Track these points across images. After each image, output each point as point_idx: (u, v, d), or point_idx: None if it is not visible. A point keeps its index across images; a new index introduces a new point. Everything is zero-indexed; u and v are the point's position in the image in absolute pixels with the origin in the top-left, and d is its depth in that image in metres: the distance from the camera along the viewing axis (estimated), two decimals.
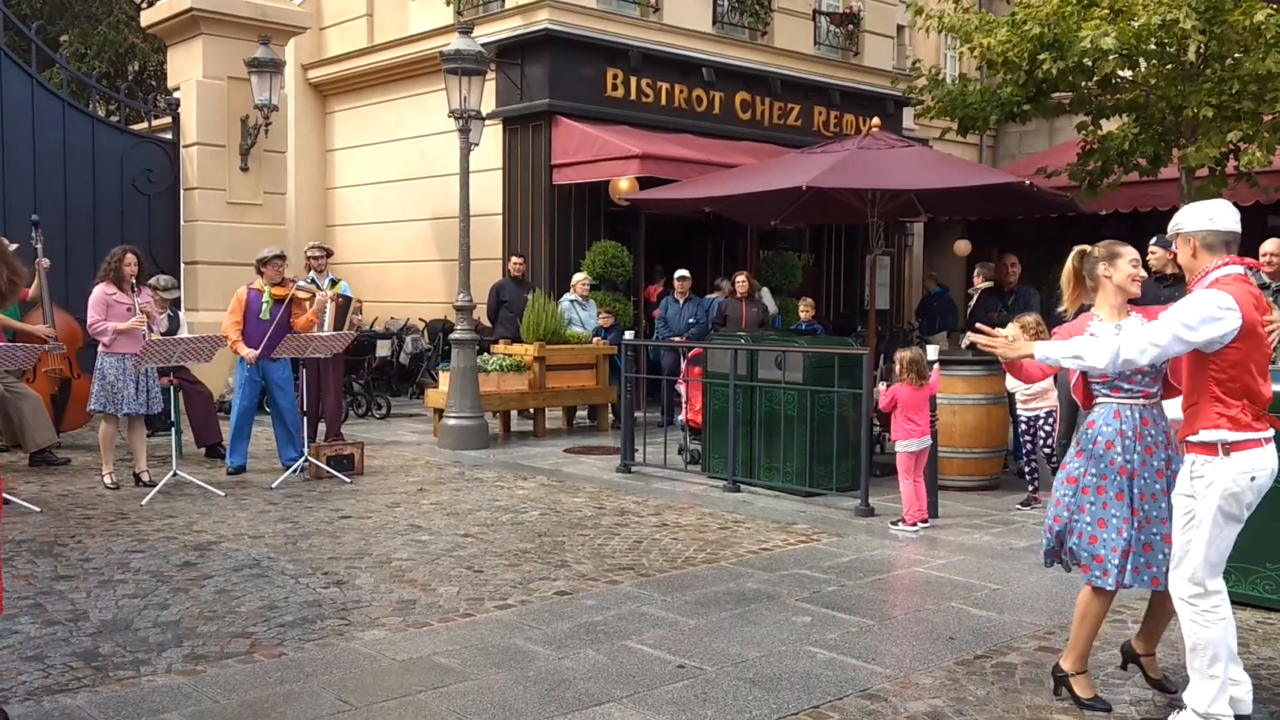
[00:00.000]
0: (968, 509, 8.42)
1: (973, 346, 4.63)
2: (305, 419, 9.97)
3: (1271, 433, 4.04)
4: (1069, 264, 4.63)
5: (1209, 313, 3.96)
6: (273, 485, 9.21)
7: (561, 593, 6.12)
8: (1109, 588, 4.38)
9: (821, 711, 4.43)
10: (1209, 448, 4.02)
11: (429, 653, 5.09)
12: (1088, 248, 4.60)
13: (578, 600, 5.97)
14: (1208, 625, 4.03)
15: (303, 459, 9.63)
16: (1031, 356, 4.33)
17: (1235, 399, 4.02)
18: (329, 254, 11.35)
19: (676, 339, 12.55)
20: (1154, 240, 8.09)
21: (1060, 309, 4.71)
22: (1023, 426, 8.50)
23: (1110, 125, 12.18)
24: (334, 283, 10.88)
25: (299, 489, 9.18)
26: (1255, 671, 4.84)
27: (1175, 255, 7.75)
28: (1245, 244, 4.41)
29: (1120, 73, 11.34)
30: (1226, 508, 4.01)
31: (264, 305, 9.68)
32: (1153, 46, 10.77)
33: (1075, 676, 4.53)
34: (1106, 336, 4.24)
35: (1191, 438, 4.09)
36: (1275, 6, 10.18)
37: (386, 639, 5.28)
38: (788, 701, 4.52)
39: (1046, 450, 8.28)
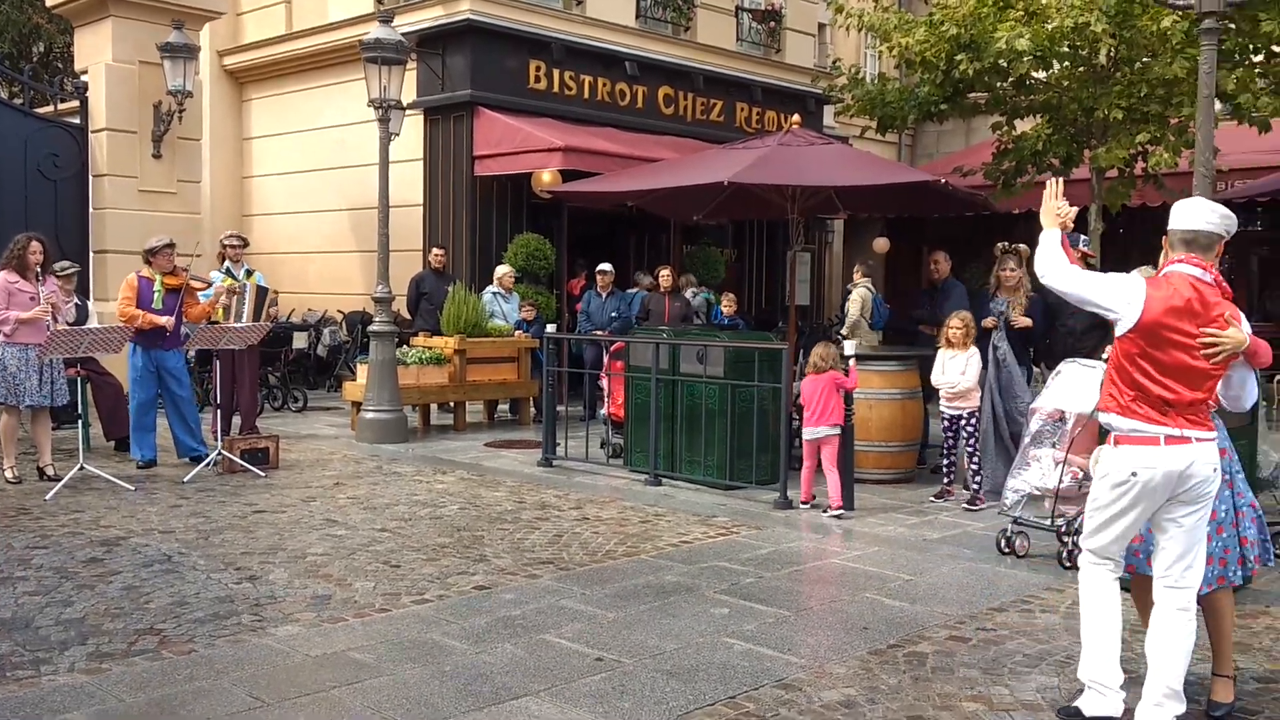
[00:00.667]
0: (883, 501, 8.54)
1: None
2: (219, 412, 9.78)
3: (1178, 433, 4.00)
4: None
5: (1117, 286, 4.10)
6: (184, 480, 9.01)
7: (480, 587, 6.09)
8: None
9: (738, 702, 4.46)
10: (1106, 435, 4.20)
11: (344, 648, 5.02)
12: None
13: (496, 595, 5.94)
14: (1089, 594, 4.32)
15: (216, 452, 9.44)
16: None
17: (1127, 389, 4.09)
18: (245, 243, 11.14)
19: (599, 333, 12.54)
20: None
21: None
22: (945, 423, 8.64)
23: (1024, 125, 12.43)
24: (249, 273, 10.68)
25: (212, 483, 9.00)
26: None
27: (1083, 254, 7.94)
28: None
29: (1034, 74, 11.59)
30: (1107, 497, 4.14)
31: (156, 294, 9.46)
32: (1065, 49, 11.02)
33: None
34: (1079, 271, 4.29)
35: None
36: (1181, 13, 10.46)
37: (300, 635, 5.21)
38: (704, 692, 4.55)
39: (969, 449, 8.42)
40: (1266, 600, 5.95)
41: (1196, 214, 4.16)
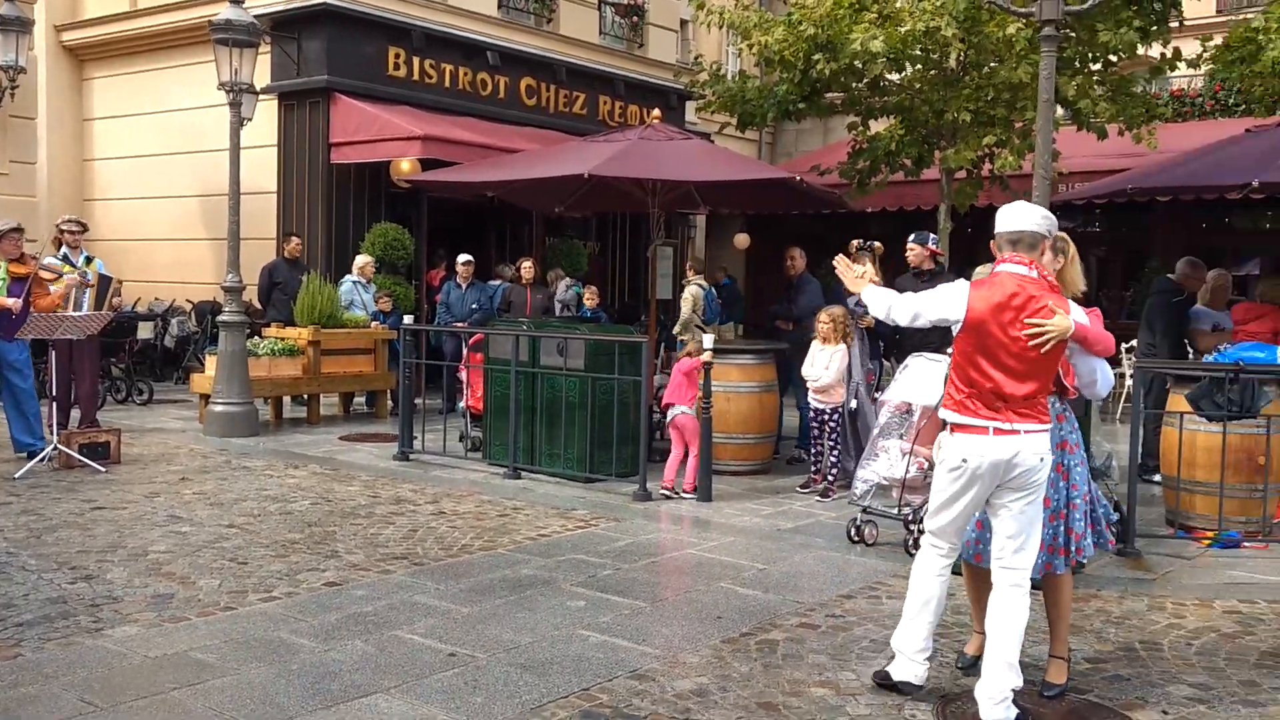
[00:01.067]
0: (739, 492, 8.66)
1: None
2: (56, 404, 9.33)
3: (1007, 425, 4.20)
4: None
5: (941, 296, 4.36)
6: (15, 476, 8.57)
7: (330, 583, 5.96)
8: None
9: (591, 693, 4.47)
10: (945, 425, 4.42)
11: (185, 648, 4.85)
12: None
13: (347, 591, 5.82)
14: (919, 572, 4.57)
15: (51, 447, 9.01)
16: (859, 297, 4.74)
17: (962, 385, 4.32)
18: (84, 228, 10.63)
19: (459, 324, 12.40)
20: (911, 237, 8.50)
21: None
22: (810, 414, 8.81)
23: (879, 126, 12.73)
24: (89, 260, 10.20)
25: (46, 479, 8.59)
26: None
27: (932, 252, 8.19)
28: None
29: (888, 76, 11.88)
30: (943, 482, 4.37)
31: (0, 283, 8.98)
32: (918, 52, 11.32)
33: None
34: (909, 295, 4.61)
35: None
36: (1026, 21, 10.86)
37: (139, 635, 5.01)
38: (558, 685, 4.54)
39: (831, 442, 8.59)
40: (1098, 584, 6.24)
41: (1020, 216, 4.39)
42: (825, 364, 8.48)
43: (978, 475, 4.27)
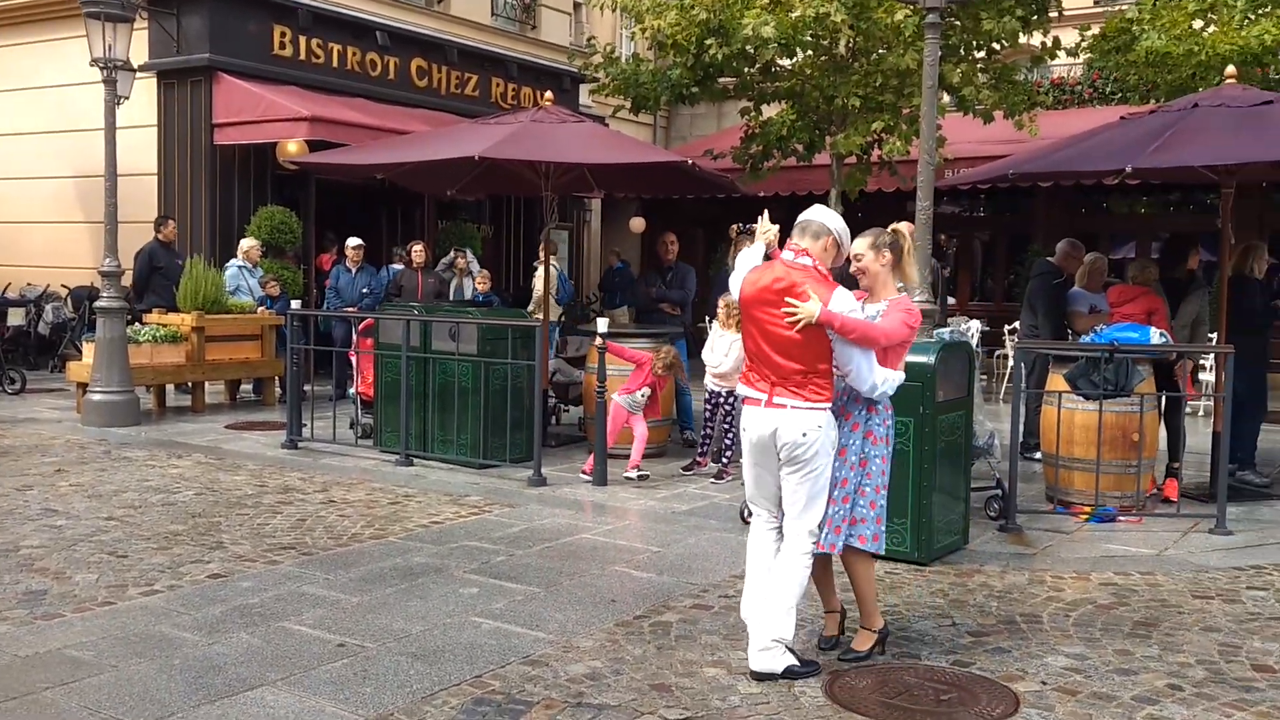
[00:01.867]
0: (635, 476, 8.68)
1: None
2: None
3: (760, 396, 4.56)
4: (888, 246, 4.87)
5: (733, 275, 4.82)
6: None
7: (215, 575, 5.81)
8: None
9: (484, 680, 4.43)
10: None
11: (59, 646, 4.69)
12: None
13: (233, 583, 5.68)
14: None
15: None
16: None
17: (747, 358, 4.74)
18: None
19: (349, 309, 12.18)
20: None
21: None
22: (706, 397, 8.85)
23: (770, 111, 12.85)
24: None
25: None
26: (882, 615, 5.28)
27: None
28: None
29: (779, 61, 11.99)
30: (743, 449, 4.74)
31: None
32: (808, 38, 11.44)
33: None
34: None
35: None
36: (912, 7, 11.06)
37: (9, 634, 4.82)
38: (450, 673, 4.50)
39: (725, 425, 8.65)
40: (981, 559, 6.41)
41: (813, 209, 4.76)
42: (725, 350, 8.54)
43: (754, 444, 4.63)
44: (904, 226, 4.88)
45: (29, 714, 4.01)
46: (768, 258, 4.73)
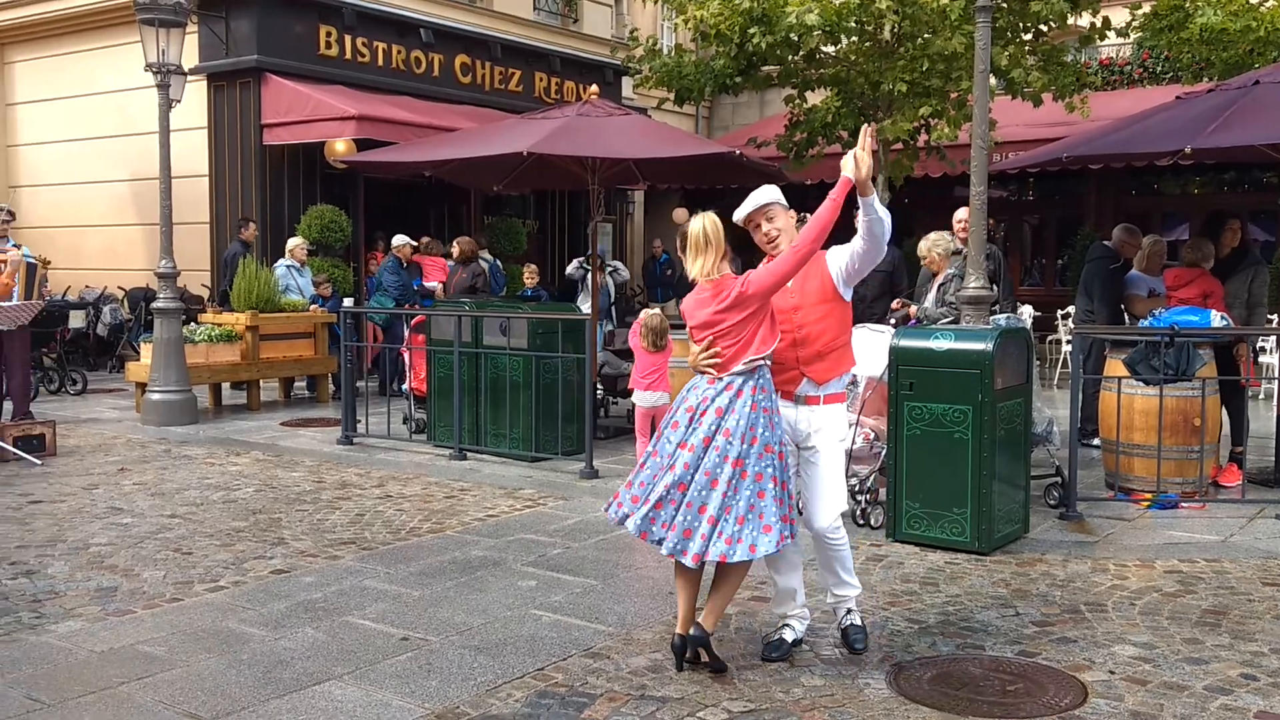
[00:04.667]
0: None
1: None
2: None
3: None
4: (713, 226, 4.47)
5: None
6: None
7: (278, 571, 5.88)
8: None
9: (546, 673, 4.46)
10: (842, 396, 4.68)
11: (132, 642, 4.77)
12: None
13: (296, 578, 5.75)
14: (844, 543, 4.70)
15: None
16: (869, 193, 4.38)
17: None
18: (13, 216, 10.37)
19: (404, 306, 12.26)
20: None
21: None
22: None
23: (815, 99, 12.78)
24: (15, 248, 9.95)
25: None
26: (943, 608, 5.26)
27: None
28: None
29: (823, 48, 11.92)
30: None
31: None
32: (853, 24, 11.35)
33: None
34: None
35: (834, 384, 4.65)
36: None
37: (84, 630, 4.92)
38: (513, 666, 4.53)
39: None
40: (1042, 548, 6.34)
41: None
42: None
43: None
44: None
45: (106, 708, 4.09)
46: None
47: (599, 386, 10.05)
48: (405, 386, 10.55)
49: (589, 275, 13.50)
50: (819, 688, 4.33)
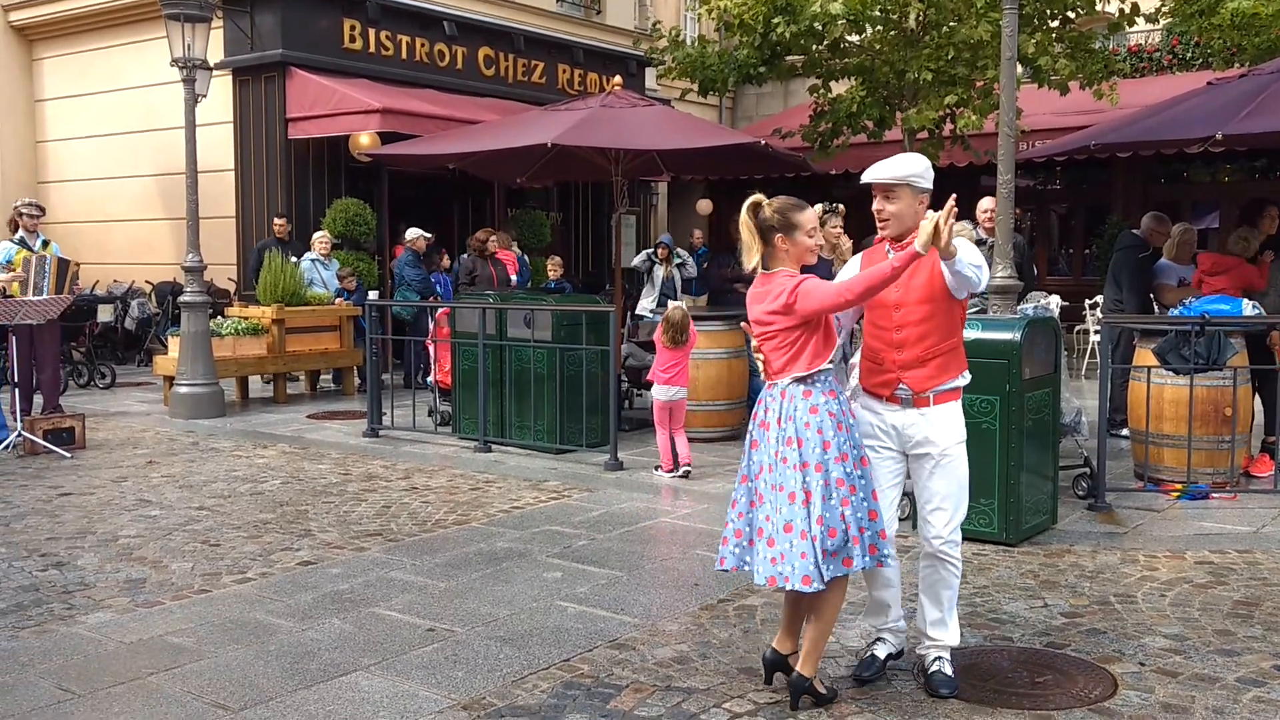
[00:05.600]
0: (711, 459, 8.64)
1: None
2: (18, 391, 9.19)
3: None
4: (744, 217, 4.03)
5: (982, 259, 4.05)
6: None
7: (305, 563, 5.91)
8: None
9: (572, 664, 4.46)
10: (957, 392, 4.19)
11: (161, 633, 4.81)
12: (761, 200, 4.05)
13: (322, 569, 5.78)
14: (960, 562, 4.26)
15: (16, 434, 8.88)
16: (952, 256, 3.83)
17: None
18: (42, 212, 10.45)
19: (428, 300, 12.28)
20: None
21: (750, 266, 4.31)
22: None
23: (840, 88, 12.71)
24: (45, 243, 10.04)
25: (12, 466, 8.47)
26: (970, 599, 5.22)
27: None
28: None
29: (848, 37, 11.84)
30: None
31: None
32: (877, 13, 11.29)
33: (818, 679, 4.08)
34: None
35: (950, 384, 4.14)
36: None
37: (113, 621, 4.95)
38: (539, 656, 4.53)
39: None
40: (1071, 539, 6.29)
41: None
42: None
43: None
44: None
45: (136, 698, 4.12)
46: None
47: (624, 378, 10.04)
48: (430, 379, 10.58)
49: (655, 268, 13.53)
50: (845, 678, 4.31)
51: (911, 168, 4.08)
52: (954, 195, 3.91)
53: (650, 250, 13.91)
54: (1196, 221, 16.45)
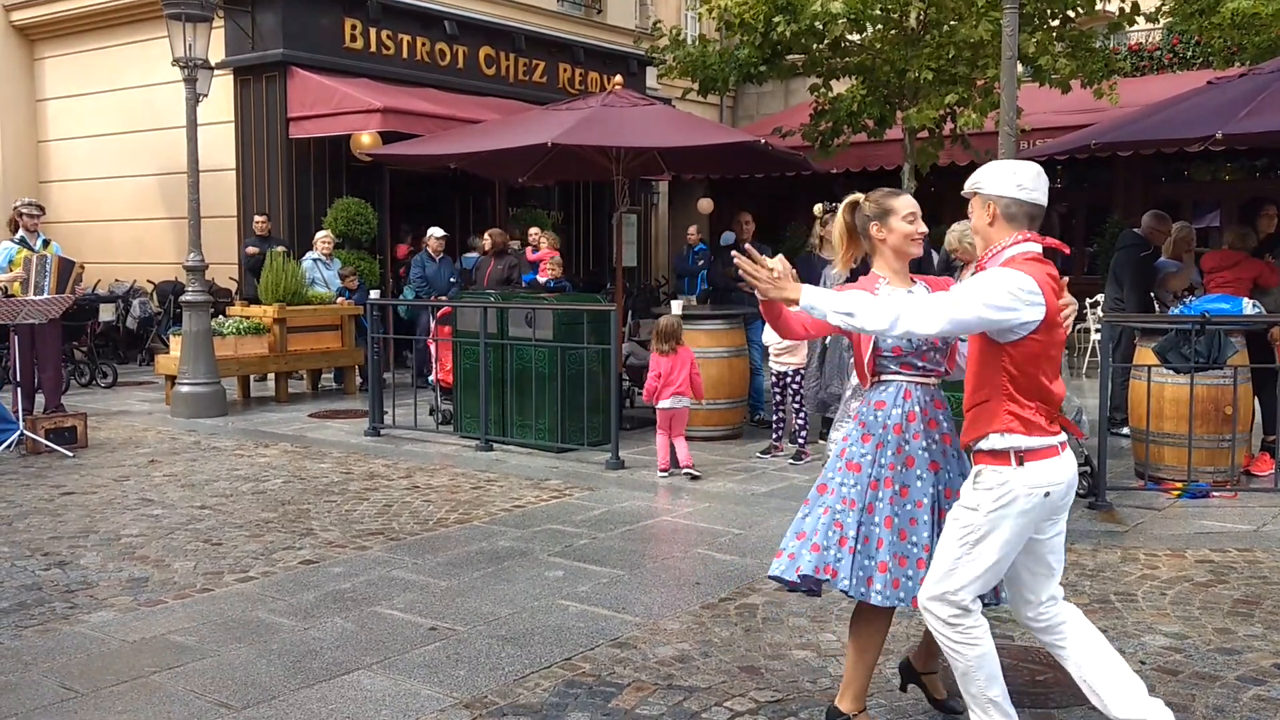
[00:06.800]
0: (712, 459, 8.66)
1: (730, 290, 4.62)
2: (20, 390, 9.20)
3: (1065, 438, 3.38)
4: (840, 218, 3.89)
5: (1015, 295, 3.22)
6: None
7: (307, 562, 5.92)
8: (890, 604, 3.65)
9: (574, 662, 4.47)
10: (1000, 456, 3.32)
11: (163, 631, 4.82)
12: (860, 198, 3.83)
13: (324, 568, 5.79)
14: (976, 643, 3.41)
15: (18, 433, 8.90)
16: (796, 302, 3.36)
17: (1029, 399, 3.32)
18: (43, 211, 10.46)
19: (442, 299, 12.28)
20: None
21: (832, 270, 4.02)
22: (773, 379, 8.79)
23: (840, 87, 12.71)
24: (46, 243, 10.05)
25: (14, 465, 8.49)
26: None
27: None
28: (966, 203, 3.66)
29: (849, 36, 11.84)
30: (1016, 526, 3.32)
31: None
32: (878, 12, 11.28)
33: (857, 717, 3.77)
34: (888, 298, 3.42)
35: (980, 443, 3.37)
36: None
37: (116, 620, 4.97)
38: (540, 655, 4.54)
39: (795, 404, 8.60)
40: (1072, 538, 6.26)
41: (1042, 184, 3.49)
42: None
43: (1055, 510, 3.41)
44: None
45: (139, 696, 4.13)
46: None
47: (625, 377, 10.05)
48: (431, 378, 10.59)
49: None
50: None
51: (983, 177, 3.51)
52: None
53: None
54: (1197, 220, 16.47)
